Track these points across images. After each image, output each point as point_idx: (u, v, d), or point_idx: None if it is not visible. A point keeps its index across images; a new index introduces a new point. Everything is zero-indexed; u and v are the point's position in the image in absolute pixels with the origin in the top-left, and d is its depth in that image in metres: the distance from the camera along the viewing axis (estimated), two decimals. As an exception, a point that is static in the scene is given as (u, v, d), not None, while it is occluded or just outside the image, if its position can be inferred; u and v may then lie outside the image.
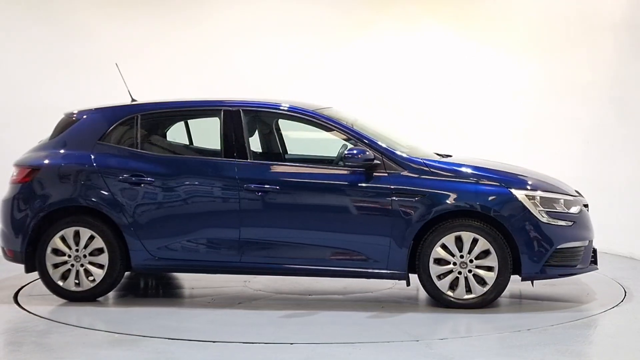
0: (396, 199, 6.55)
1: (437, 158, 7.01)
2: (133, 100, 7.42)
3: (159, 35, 10.36)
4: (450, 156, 7.46)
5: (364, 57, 10.60)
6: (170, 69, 10.22)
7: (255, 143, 7.22)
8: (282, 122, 7.58)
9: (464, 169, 6.74)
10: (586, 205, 6.94)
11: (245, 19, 10.58)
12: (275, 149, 7.58)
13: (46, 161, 7.00)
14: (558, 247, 6.52)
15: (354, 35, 10.58)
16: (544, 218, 6.51)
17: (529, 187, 6.64)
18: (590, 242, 6.80)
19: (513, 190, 6.55)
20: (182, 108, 7.26)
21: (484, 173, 6.70)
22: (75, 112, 7.22)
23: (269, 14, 10.62)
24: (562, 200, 6.66)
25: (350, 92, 10.43)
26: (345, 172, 6.65)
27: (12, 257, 7.03)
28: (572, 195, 6.81)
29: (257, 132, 7.40)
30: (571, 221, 6.61)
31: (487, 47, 10.28)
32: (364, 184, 6.61)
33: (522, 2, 10.17)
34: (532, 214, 6.50)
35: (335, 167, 6.79)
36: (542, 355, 5.42)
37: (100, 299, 7.03)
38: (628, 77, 9.26)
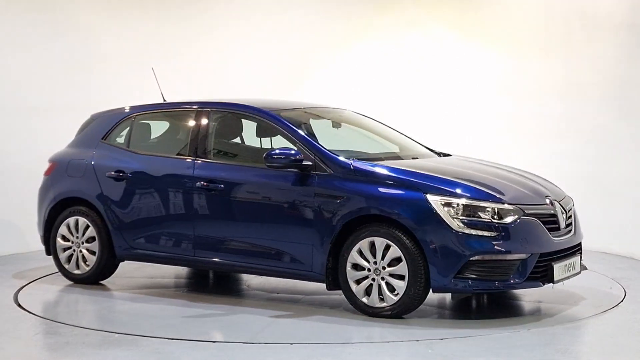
0: (318, 200, 6.47)
1: (368, 163, 6.59)
2: (164, 101, 7.90)
3: (162, 36, 10.37)
4: (450, 155, 7.47)
5: (365, 58, 10.62)
6: (172, 69, 10.22)
7: (229, 142, 7.41)
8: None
9: (386, 172, 6.40)
10: (551, 215, 6.39)
11: (247, 20, 10.62)
12: (239, 148, 7.54)
13: (61, 157, 7.83)
14: (473, 258, 6.03)
15: (355, 36, 10.62)
16: (459, 227, 6.06)
17: (449, 193, 6.16)
18: (534, 255, 6.16)
19: (429, 196, 6.14)
20: (168, 109, 7.67)
21: (405, 177, 6.34)
22: (96, 113, 7.93)
23: (271, 16, 10.65)
24: (490, 209, 6.13)
25: (351, 92, 10.45)
26: (281, 172, 6.62)
27: (40, 240, 7.85)
28: (510, 204, 6.20)
29: (232, 131, 7.47)
30: (498, 232, 6.08)
31: (487, 47, 10.28)
32: (292, 184, 6.59)
33: (522, 3, 10.17)
34: (444, 221, 6.06)
35: (275, 167, 6.64)
36: (542, 355, 5.42)
37: (102, 297, 7.11)
38: (628, 77, 9.27)
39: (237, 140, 7.53)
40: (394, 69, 10.62)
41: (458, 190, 6.22)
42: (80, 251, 7.53)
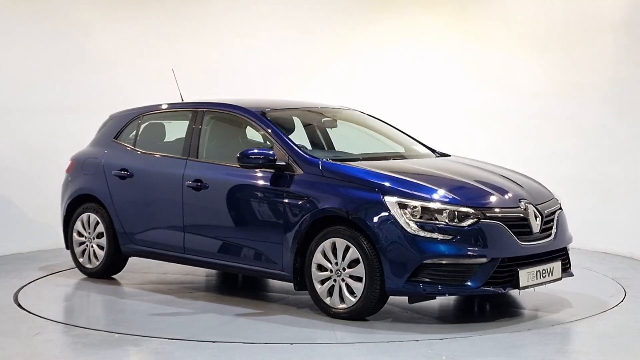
0: (287, 200, 6.47)
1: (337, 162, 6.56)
2: (182, 100, 8.05)
3: (162, 36, 10.37)
4: (449, 155, 7.45)
5: (365, 58, 10.61)
6: (174, 69, 10.21)
7: (222, 142, 7.42)
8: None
9: (351, 173, 6.34)
10: (521, 219, 6.17)
11: (247, 20, 10.62)
12: (230, 147, 7.46)
13: (79, 155, 8.08)
14: (427, 261, 5.90)
15: (355, 36, 10.62)
16: (413, 229, 5.94)
17: (406, 195, 6.04)
18: (494, 260, 5.98)
19: (386, 198, 6.05)
20: (168, 110, 7.79)
21: (366, 178, 6.26)
22: (113, 113, 8.10)
23: (271, 16, 10.65)
24: (447, 212, 5.97)
25: (351, 92, 10.45)
26: (260, 172, 6.64)
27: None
28: (470, 207, 6.03)
29: (222, 130, 7.49)
30: (453, 235, 5.94)
31: (487, 47, 10.28)
32: (268, 184, 6.60)
33: (522, 3, 10.17)
34: (397, 223, 5.96)
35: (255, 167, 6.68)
36: (542, 355, 5.42)
37: (103, 296, 7.13)
38: (628, 77, 9.26)
39: (241, 139, 7.53)
40: (394, 69, 10.61)
41: (416, 192, 6.10)
42: (92, 246, 7.77)
